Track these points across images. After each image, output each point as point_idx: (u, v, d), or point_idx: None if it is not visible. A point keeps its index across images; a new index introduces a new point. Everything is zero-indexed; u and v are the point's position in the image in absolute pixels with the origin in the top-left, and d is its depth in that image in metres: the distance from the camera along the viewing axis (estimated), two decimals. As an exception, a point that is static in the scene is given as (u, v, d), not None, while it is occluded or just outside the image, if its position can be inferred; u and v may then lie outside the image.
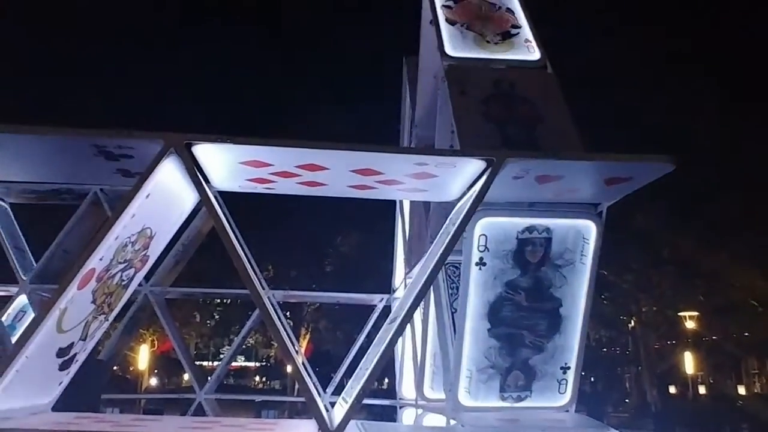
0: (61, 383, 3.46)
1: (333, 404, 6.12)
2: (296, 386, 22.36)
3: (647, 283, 22.57)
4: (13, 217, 8.83)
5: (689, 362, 22.69)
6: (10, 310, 7.86)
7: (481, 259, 4.24)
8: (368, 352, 3.71)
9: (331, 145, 3.15)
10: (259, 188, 3.81)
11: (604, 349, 28.98)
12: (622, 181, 3.66)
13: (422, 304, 6.36)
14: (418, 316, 6.95)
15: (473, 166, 3.41)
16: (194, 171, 3.19)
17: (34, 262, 8.70)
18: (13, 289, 8.09)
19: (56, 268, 7.77)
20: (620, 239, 17.46)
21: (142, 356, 25.72)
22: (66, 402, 3.67)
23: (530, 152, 3.57)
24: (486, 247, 4.23)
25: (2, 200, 8.54)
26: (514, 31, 5.25)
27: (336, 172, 3.46)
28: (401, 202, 8.86)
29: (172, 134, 3.14)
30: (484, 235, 4.18)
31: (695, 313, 21.85)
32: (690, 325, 21.94)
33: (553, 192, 3.94)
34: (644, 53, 20.51)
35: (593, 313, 4.50)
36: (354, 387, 3.34)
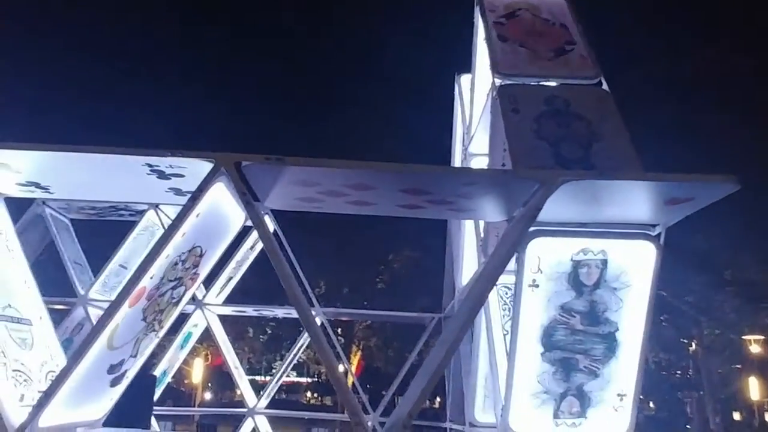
0: (111, 399, 3.51)
1: (382, 424, 6.04)
2: (347, 404, 22.26)
3: (709, 305, 21.74)
4: (73, 232, 9.14)
5: (754, 387, 21.68)
6: (68, 323, 8.11)
7: (534, 280, 4.12)
8: (417, 373, 3.63)
9: (379, 166, 3.12)
10: (308, 207, 3.81)
11: (664, 373, 27.98)
12: (683, 202, 3.51)
13: (475, 326, 6.26)
14: (468, 337, 6.84)
15: (525, 186, 3.32)
16: (243, 190, 3.19)
17: (92, 276, 8.97)
18: (72, 302, 8.38)
19: (113, 283, 8.00)
20: (680, 259, 16.87)
21: (197, 369, 26.18)
22: (118, 417, 3.71)
23: (584, 172, 3.45)
24: (539, 269, 4.10)
25: (63, 216, 8.86)
26: (568, 47, 5.15)
27: (384, 192, 3.42)
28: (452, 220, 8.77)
29: (222, 154, 3.17)
30: (537, 256, 4.07)
31: (761, 337, 20.92)
32: (755, 349, 20.99)
33: (610, 212, 3.81)
34: (704, 69, 19.95)
35: (652, 335, 4.33)
36: (404, 407, 3.27)
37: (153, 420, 7.98)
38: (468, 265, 7.68)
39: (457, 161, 8.04)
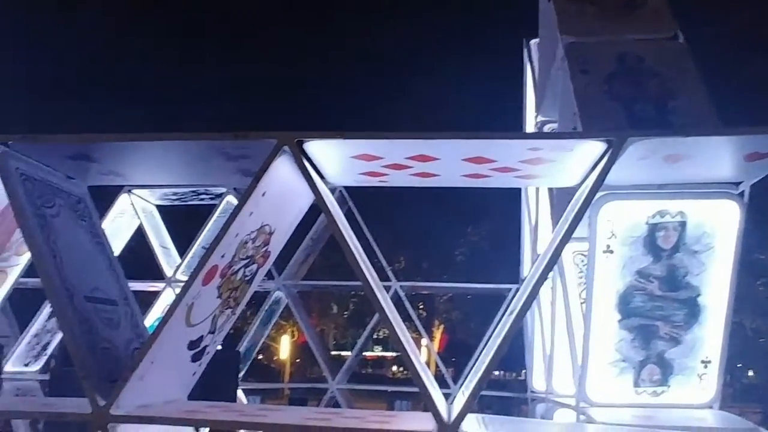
0: (194, 374, 3.67)
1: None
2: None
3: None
4: (159, 218, 9.59)
5: None
6: (158, 304, 8.56)
7: (608, 246, 4.00)
8: (488, 343, 3.61)
9: (439, 135, 3.09)
10: (373, 182, 3.82)
11: (762, 340, 26.63)
12: (766, 156, 3.30)
13: (551, 295, 6.15)
14: (547, 307, 6.73)
15: (593, 148, 3.20)
16: (306, 168, 3.23)
17: (178, 259, 9.40)
18: (161, 285, 8.83)
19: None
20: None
21: (284, 346, 27.03)
22: (203, 392, 3.88)
23: (655, 130, 3.29)
24: (613, 234, 3.98)
25: (149, 202, 9.30)
26: (639, 0, 4.90)
27: (448, 162, 3.39)
28: (526, 188, 8.61)
29: (284, 133, 3.21)
30: (610, 220, 3.95)
31: None
32: None
33: (686, 172, 3.63)
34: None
35: (748, 300, 4.11)
36: (472, 380, 3.27)
37: (241, 393, 8.32)
38: (544, 233, 7.54)
39: (528, 130, 7.86)
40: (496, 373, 33.96)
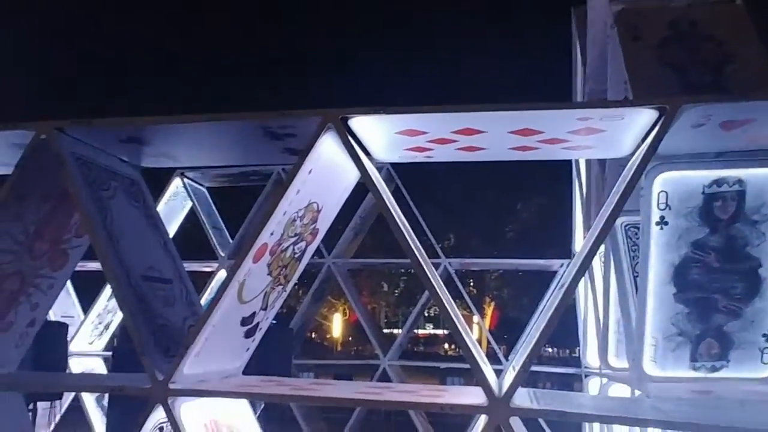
0: (248, 350, 3.75)
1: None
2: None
3: None
4: (210, 200, 9.81)
5: None
6: (212, 284, 8.79)
7: (662, 218, 3.89)
8: (537, 318, 3.58)
9: (484, 107, 3.04)
10: (419, 157, 3.80)
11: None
12: (832, 120, 3.14)
13: (604, 269, 6.04)
14: (600, 281, 6.62)
15: (644, 116, 3.11)
16: (351, 145, 3.24)
17: (230, 239, 9.61)
18: (214, 265, 9.05)
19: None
20: None
21: (336, 324, 27.43)
22: (258, 368, 3.97)
23: (710, 95, 3.17)
24: (667, 205, 3.86)
25: (200, 185, 9.51)
26: (692, -38, 4.70)
27: (494, 135, 3.34)
28: (578, 161, 8.44)
29: (328, 110, 3.22)
30: (664, 191, 3.83)
31: None
32: None
33: (744, 139, 3.49)
34: None
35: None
36: (522, 354, 3.25)
37: (294, 370, 8.49)
38: (594, 208, 7.39)
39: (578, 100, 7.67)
40: (549, 350, 33.75)
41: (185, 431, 3.14)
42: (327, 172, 3.49)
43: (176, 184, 9.56)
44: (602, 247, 6.09)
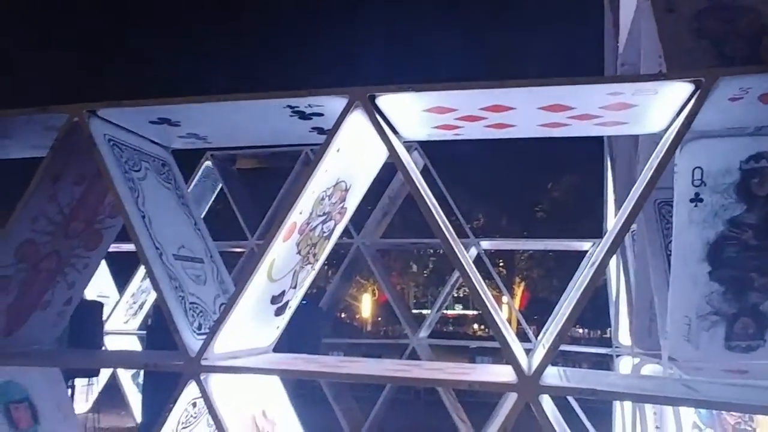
0: (278, 327, 3.79)
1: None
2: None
3: None
4: (240, 181, 9.90)
5: None
6: (243, 264, 8.89)
7: (696, 194, 3.80)
8: (568, 296, 3.54)
9: (513, 83, 2.99)
10: (448, 135, 3.77)
11: None
12: None
13: (636, 247, 5.95)
14: (632, 259, 6.53)
15: (679, 90, 3.03)
16: (379, 123, 3.22)
17: (260, 220, 9.70)
18: (244, 245, 9.16)
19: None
20: None
21: (365, 304, 27.59)
22: (288, 346, 4.01)
23: (748, 67, 3.07)
24: (702, 181, 3.77)
25: (230, 166, 9.60)
26: (731, -72, 4.55)
27: (523, 112, 3.29)
28: (609, 138, 8.30)
29: (355, 88, 3.21)
30: (699, 167, 3.73)
31: None
32: None
33: (785, 112, 3.38)
34: None
35: None
36: (552, 332, 3.22)
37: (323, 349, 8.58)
38: (628, 184, 7.27)
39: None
40: (580, 330, 33.52)
41: (217, 406, 3.19)
42: (355, 151, 3.48)
43: (206, 165, 9.67)
44: (635, 226, 6.00)
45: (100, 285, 10.22)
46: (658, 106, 3.26)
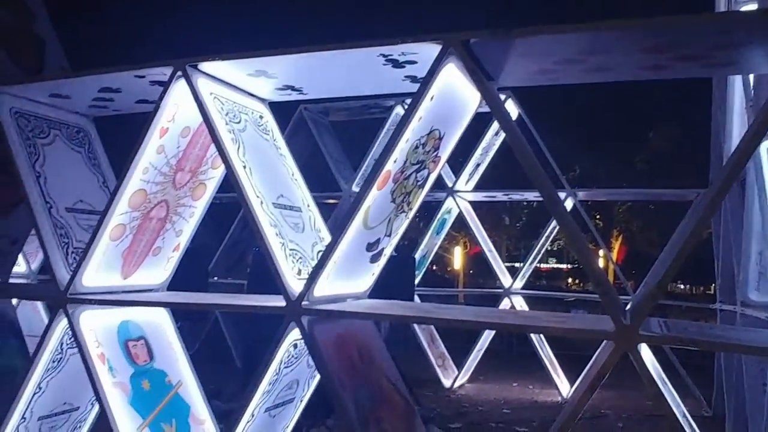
0: (373, 274, 3.89)
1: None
2: (608, 287, 21.95)
3: None
4: (333, 133, 10.06)
5: None
6: (337, 214, 9.10)
7: (814, 139, 3.56)
8: (668, 245, 3.43)
9: (613, 24, 2.87)
10: (544, 80, 3.67)
11: None
12: None
13: (746, 197, 5.64)
14: (741, 210, 6.20)
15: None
16: (474, 69, 3.18)
17: (353, 171, 9.86)
18: (338, 196, 9.37)
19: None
20: None
21: (457, 257, 27.62)
22: (382, 294, 4.12)
23: None
24: (823, 125, 3.52)
25: (323, 119, 9.75)
26: None
27: (622, 54, 3.15)
28: (719, 83, 7.83)
29: (450, 35, 3.17)
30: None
31: None
32: None
33: None
34: None
35: None
36: (652, 283, 3.14)
37: (416, 298, 8.72)
38: (737, 132, 6.87)
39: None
40: (682, 286, 32.27)
41: (318, 347, 3.34)
42: (449, 99, 3.47)
43: (300, 118, 9.87)
44: (744, 175, 5.67)
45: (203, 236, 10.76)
46: (773, 43, 3.03)
